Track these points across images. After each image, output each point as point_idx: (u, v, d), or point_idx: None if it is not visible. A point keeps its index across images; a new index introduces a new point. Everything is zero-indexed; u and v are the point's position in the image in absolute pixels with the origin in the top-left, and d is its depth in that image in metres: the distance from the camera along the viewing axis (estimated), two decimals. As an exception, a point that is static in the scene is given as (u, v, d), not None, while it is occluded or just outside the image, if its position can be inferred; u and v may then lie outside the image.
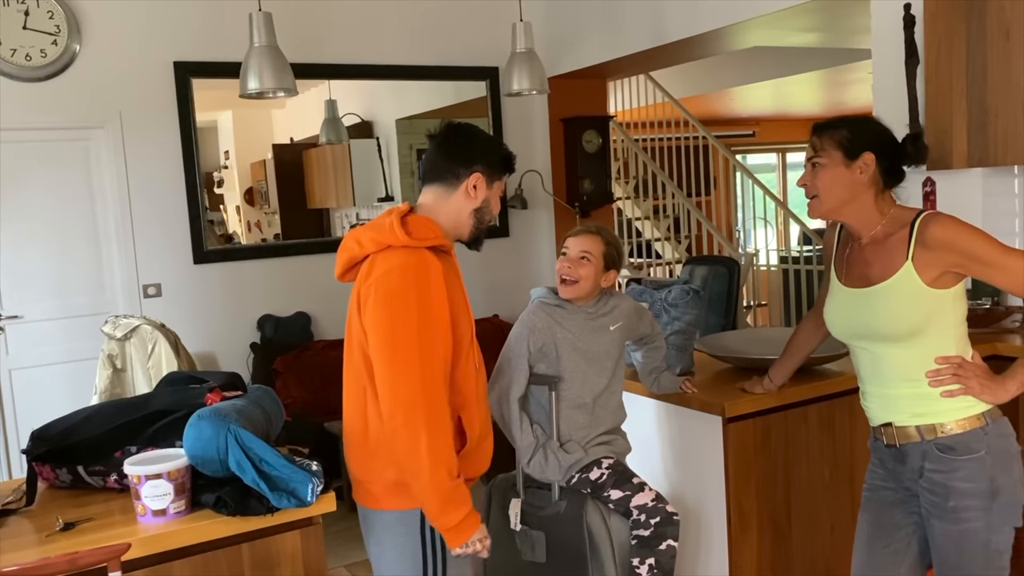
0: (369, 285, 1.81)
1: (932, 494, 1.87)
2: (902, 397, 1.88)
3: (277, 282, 5.26)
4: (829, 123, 1.92)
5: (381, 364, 1.77)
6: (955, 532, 1.84)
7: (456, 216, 1.93)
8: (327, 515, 1.83)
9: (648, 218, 7.67)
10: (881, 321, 1.86)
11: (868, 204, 1.89)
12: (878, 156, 1.87)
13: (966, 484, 1.82)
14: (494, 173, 1.95)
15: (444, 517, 1.78)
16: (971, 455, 1.83)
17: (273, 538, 1.78)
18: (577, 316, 2.43)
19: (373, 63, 5.44)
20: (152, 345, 3.41)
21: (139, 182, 4.79)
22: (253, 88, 3.65)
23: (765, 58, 7.15)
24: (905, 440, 1.89)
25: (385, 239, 1.83)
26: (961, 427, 1.84)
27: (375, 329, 1.78)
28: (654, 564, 2.34)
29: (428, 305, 1.78)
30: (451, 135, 1.96)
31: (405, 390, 1.74)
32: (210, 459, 1.71)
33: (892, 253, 1.85)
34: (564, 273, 2.39)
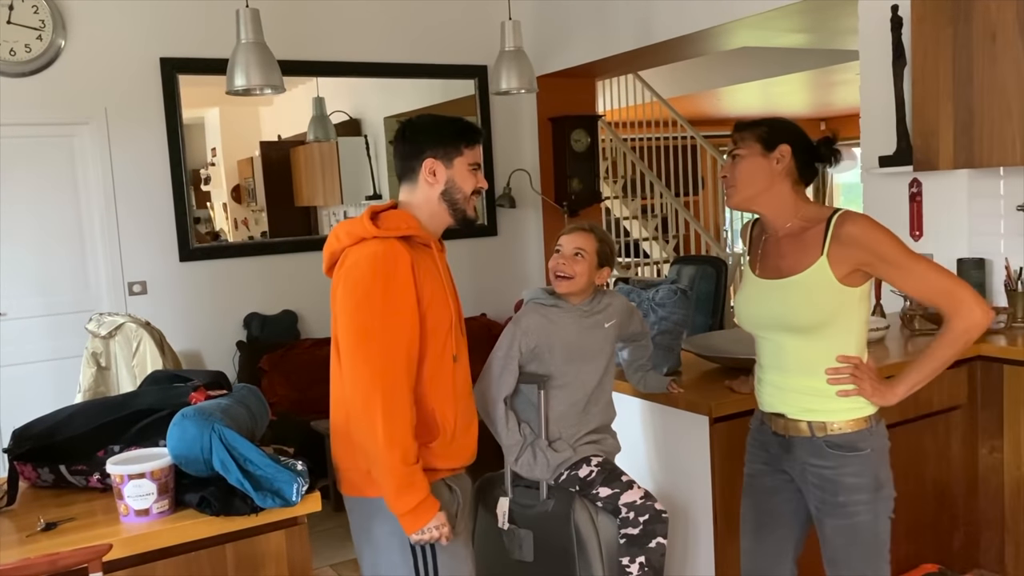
0: (340, 277, 1.87)
1: (821, 490, 1.96)
2: (797, 390, 1.97)
3: (263, 280, 5.23)
4: (751, 122, 2.01)
5: (345, 350, 1.82)
6: (846, 526, 1.94)
7: (428, 206, 1.96)
8: (313, 515, 1.83)
9: (636, 218, 7.67)
10: (790, 312, 1.93)
11: (783, 194, 1.98)
12: (794, 149, 1.96)
13: (854, 479, 1.92)
14: (449, 151, 1.95)
15: (398, 502, 1.80)
16: (858, 452, 1.93)
17: (257, 538, 1.76)
18: (572, 315, 2.43)
19: (361, 60, 5.42)
20: (137, 343, 3.38)
21: (125, 179, 4.75)
22: (240, 85, 3.63)
23: (753, 59, 7.17)
24: (795, 433, 1.98)
25: (357, 232, 1.88)
26: (850, 427, 1.93)
27: (341, 315, 1.84)
28: (644, 563, 2.34)
29: (394, 292, 1.81)
30: (402, 134, 1.99)
31: (365, 375, 1.78)
32: (194, 459, 1.69)
33: (807, 247, 1.93)
34: (559, 269, 2.40)
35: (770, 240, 2.03)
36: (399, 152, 1.99)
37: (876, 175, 3.74)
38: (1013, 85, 2.99)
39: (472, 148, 1.98)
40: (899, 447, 2.79)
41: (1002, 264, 3.34)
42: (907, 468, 2.84)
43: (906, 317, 3.26)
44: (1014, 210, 3.37)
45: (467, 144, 1.97)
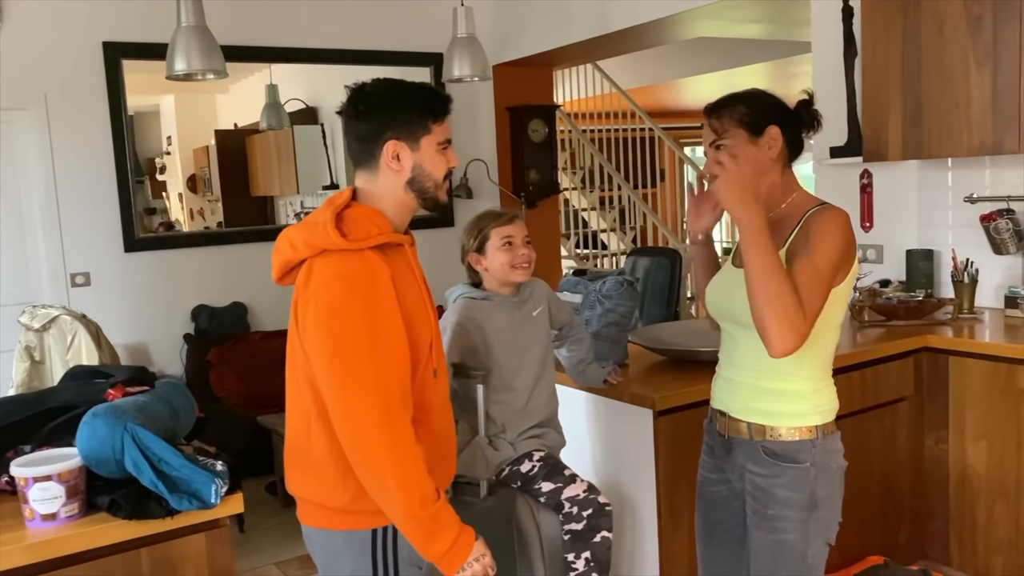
0: (307, 299, 1.59)
1: (754, 500, 1.82)
2: (743, 385, 1.82)
3: (213, 271, 5.11)
4: (723, 101, 1.79)
5: (331, 392, 1.57)
6: (772, 542, 1.80)
7: (393, 197, 1.67)
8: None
9: (595, 209, 7.64)
10: (737, 305, 1.77)
11: (776, 180, 1.79)
12: (783, 129, 1.76)
13: (786, 492, 1.76)
14: (414, 129, 1.64)
15: (431, 547, 1.60)
16: (795, 464, 1.77)
17: (175, 542, 1.68)
18: (504, 307, 2.39)
19: (315, 47, 5.30)
20: (72, 336, 3.27)
21: (66, 167, 4.61)
22: (180, 69, 3.51)
23: (713, 49, 7.17)
24: (735, 434, 1.84)
25: (319, 243, 1.59)
26: (791, 435, 1.77)
27: (319, 351, 1.57)
28: (590, 557, 2.30)
29: (378, 318, 1.56)
30: (352, 107, 1.66)
31: (363, 422, 1.54)
32: (105, 459, 1.61)
33: (775, 239, 1.73)
34: (522, 261, 2.34)
35: None
36: (352, 132, 1.67)
37: (827, 166, 3.73)
38: (960, 77, 2.99)
39: (441, 123, 1.67)
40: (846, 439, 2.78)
41: (949, 255, 3.34)
42: (854, 460, 2.76)
43: (855, 307, 3.25)
44: (962, 201, 3.37)
45: (435, 119, 1.66)
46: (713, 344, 2.37)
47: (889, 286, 3.45)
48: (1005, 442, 2.79)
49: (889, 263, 3.59)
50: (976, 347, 2.87)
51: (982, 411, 2.85)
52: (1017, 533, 2.79)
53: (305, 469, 1.70)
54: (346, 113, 1.68)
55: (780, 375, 1.78)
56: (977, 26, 2.93)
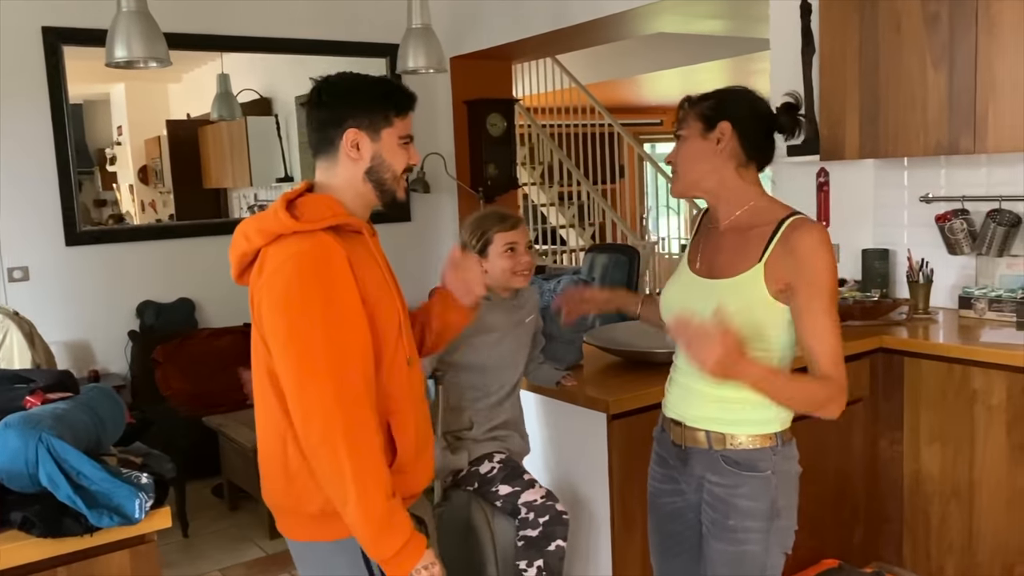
0: (261, 287, 1.56)
1: (713, 510, 1.77)
2: (702, 395, 1.76)
3: (159, 266, 4.95)
4: (701, 96, 1.77)
5: (287, 377, 1.52)
6: (733, 553, 1.75)
7: (351, 187, 1.63)
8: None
9: (554, 204, 7.59)
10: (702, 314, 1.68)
11: (728, 179, 1.73)
12: (735, 125, 1.71)
13: (748, 503, 1.73)
14: (376, 120, 1.62)
15: (380, 546, 1.53)
16: (756, 473, 1.72)
17: (97, 559, 1.58)
18: (501, 309, 2.35)
19: (268, 36, 5.16)
20: (3, 335, 3.12)
21: (4, 158, 4.42)
22: (121, 56, 3.37)
23: (672, 45, 7.15)
24: (692, 444, 1.78)
25: (272, 228, 1.56)
26: (752, 443, 1.73)
27: (275, 336, 1.53)
28: (542, 566, 2.24)
29: (334, 299, 1.52)
30: (317, 97, 1.65)
31: (317, 405, 1.49)
32: (17, 473, 1.51)
33: (746, 249, 1.71)
34: (525, 268, 2.30)
35: (713, 232, 1.81)
36: (314, 120, 1.65)
37: (784, 164, 3.70)
38: (917, 75, 2.97)
39: (403, 117, 1.66)
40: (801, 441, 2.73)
41: (905, 255, 3.33)
42: (809, 462, 2.74)
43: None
44: (917, 201, 3.37)
45: (397, 112, 1.64)
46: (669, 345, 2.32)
47: (845, 285, 3.44)
48: (958, 444, 2.78)
49: (845, 262, 3.58)
50: (930, 348, 2.86)
51: (936, 413, 2.84)
52: (969, 535, 2.79)
53: (280, 476, 1.63)
54: (309, 102, 1.66)
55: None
56: (934, 25, 2.92)
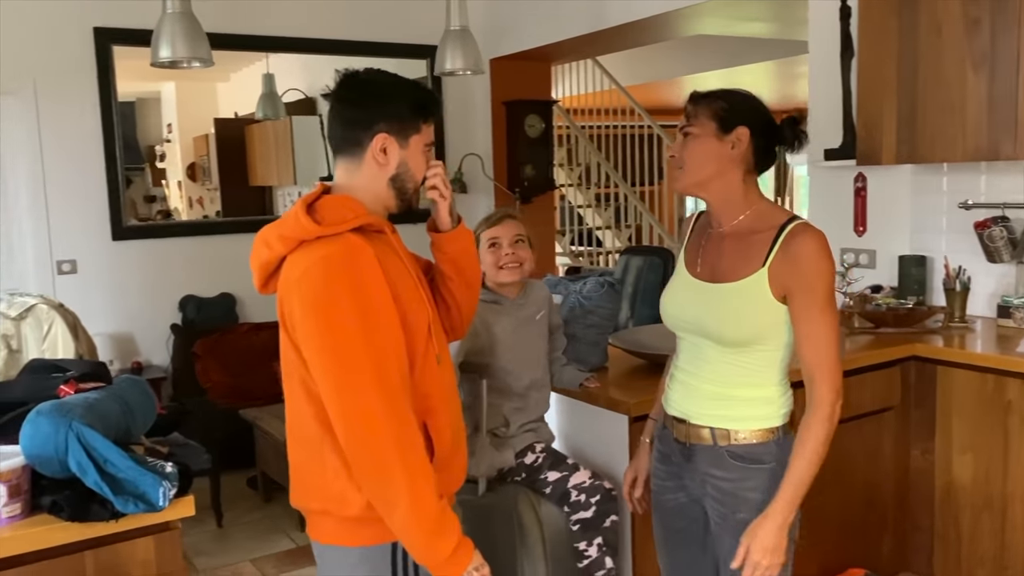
0: (290, 293, 1.52)
1: (721, 505, 1.80)
2: (706, 394, 1.80)
3: (202, 261, 5.06)
4: (708, 93, 1.77)
5: (325, 382, 1.49)
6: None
7: (372, 190, 1.60)
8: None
9: (591, 206, 7.58)
10: (716, 322, 1.75)
11: (734, 184, 1.76)
12: (752, 133, 1.73)
13: (755, 495, 1.76)
14: (406, 126, 1.59)
15: (433, 550, 1.50)
16: (760, 465, 1.76)
17: (122, 545, 1.63)
18: (510, 310, 2.39)
19: (311, 37, 5.25)
20: (48, 326, 3.22)
21: (54, 153, 4.56)
22: (165, 57, 3.45)
23: (714, 47, 7.09)
24: (697, 441, 1.81)
25: (294, 234, 1.52)
26: (755, 437, 1.77)
27: (308, 343, 1.50)
28: (602, 543, 2.31)
29: (367, 300, 1.49)
30: (343, 92, 1.60)
31: (361, 409, 1.46)
32: (48, 459, 1.56)
33: (749, 253, 1.74)
34: (507, 260, 2.31)
35: (713, 236, 1.82)
36: (340, 117, 1.60)
37: (822, 168, 3.67)
38: (956, 80, 2.92)
39: (429, 124, 1.64)
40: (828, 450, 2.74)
41: (942, 262, 3.28)
42: (836, 470, 2.76)
43: (844, 314, 3.19)
44: (956, 207, 3.31)
45: (426, 119, 1.62)
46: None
47: (880, 292, 3.39)
48: (991, 455, 2.73)
49: (881, 268, 3.53)
50: (965, 357, 2.81)
51: (969, 423, 2.79)
52: (1001, 547, 2.74)
53: (315, 479, 1.60)
54: (335, 96, 1.61)
55: (751, 384, 1.78)
56: (975, 29, 2.87)
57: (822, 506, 2.74)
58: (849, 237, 3.65)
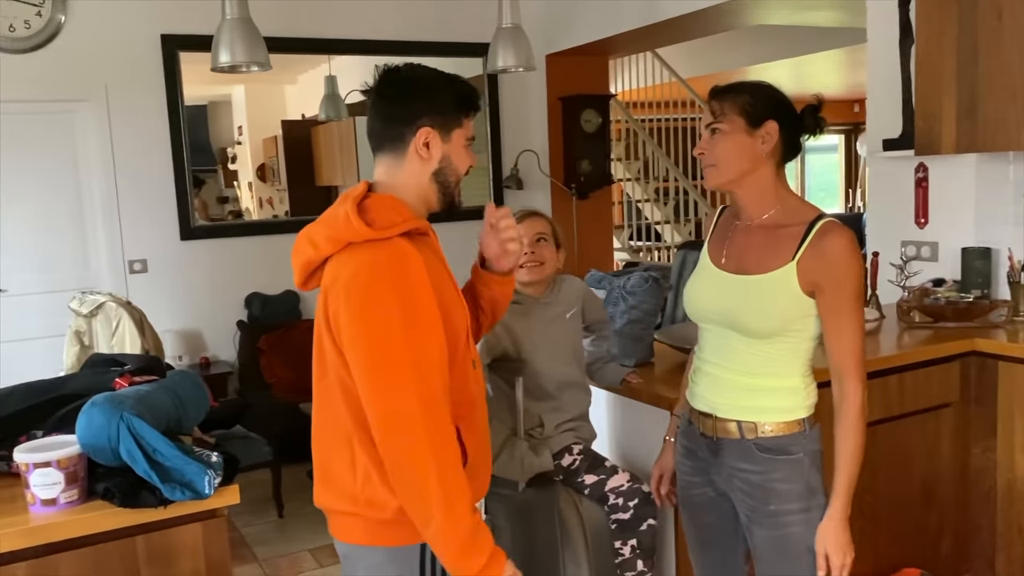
0: (337, 295, 1.51)
1: (751, 498, 1.81)
2: (733, 385, 1.81)
3: (266, 260, 5.22)
4: (730, 87, 1.77)
5: (367, 388, 1.49)
6: (776, 538, 1.79)
7: (416, 186, 1.60)
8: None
9: (649, 200, 7.52)
10: (744, 315, 1.76)
11: (767, 178, 1.77)
12: (781, 126, 1.73)
13: (784, 485, 1.77)
14: (448, 120, 1.59)
15: (464, 565, 1.49)
16: (789, 456, 1.78)
17: (171, 531, 1.71)
18: (535, 309, 2.36)
19: (370, 38, 5.35)
20: (116, 323, 3.37)
21: (125, 157, 4.76)
22: (224, 61, 3.57)
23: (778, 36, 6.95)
24: (724, 435, 1.82)
25: (342, 235, 1.52)
26: (781, 429, 1.78)
27: (353, 346, 1.49)
28: (636, 545, 2.32)
29: (413, 305, 1.49)
30: (384, 88, 1.60)
31: (402, 417, 1.46)
32: (101, 448, 1.64)
33: (778, 247, 1.74)
34: (527, 259, 2.29)
35: (740, 228, 1.83)
36: (381, 112, 1.59)
37: (881, 159, 3.58)
38: (1019, 66, 2.82)
39: (471, 119, 1.64)
40: (883, 445, 2.69)
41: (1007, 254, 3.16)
42: (892, 468, 2.72)
43: (903, 308, 3.11)
44: (1023, 198, 3.18)
45: (467, 114, 1.62)
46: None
47: (943, 286, 3.29)
48: (1057, 454, 2.63)
49: (944, 261, 3.43)
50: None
51: (1033, 420, 2.69)
52: (1068, 550, 2.64)
53: (344, 479, 1.59)
54: (376, 92, 1.60)
55: (777, 375, 1.79)
56: (1038, 12, 2.76)
57: (876, 504, 2.68)
58: (910, 229, 3.55)
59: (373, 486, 1.56)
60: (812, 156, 11.86)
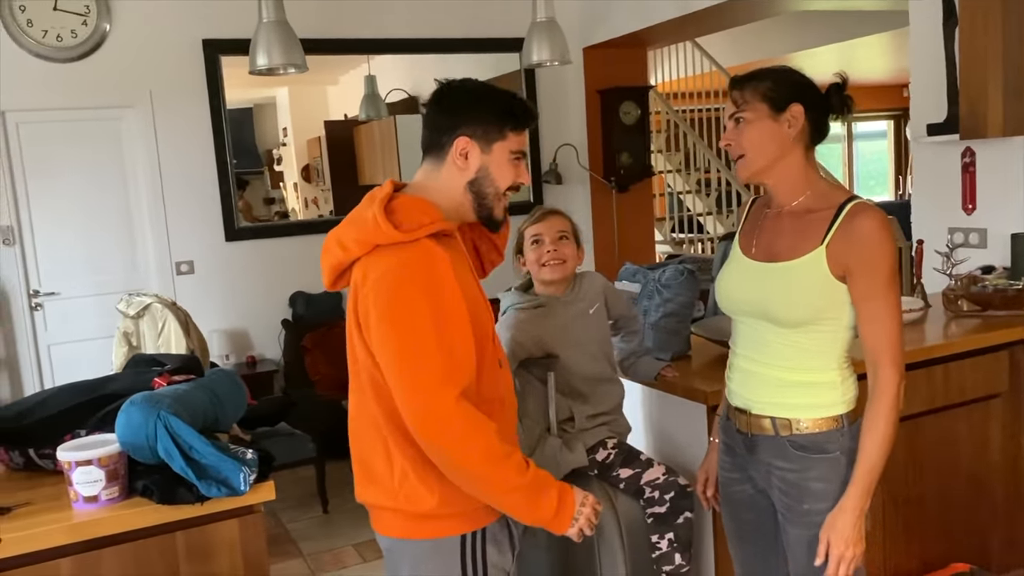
0: (366, 296, 1.55)
1: (786, 496, 1.77)
2: (769, 380, 1.76)
3: (309, 259, 5.22)
4: (750, 75, 1.74)
5: (400, 387, 1.53)
6: (811, 537, 1.73)
7: (449, 193, 1.62)
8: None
9: (692, 192, 7.45)
10: (774, 303, 1.72)
11: (797, 164, 1.72)
12: (806, 108, 1.69)
13: (819, 484, 1.72)
14: (491, 132, 1.61)
15: (539, 511, 1.57)
16: (825, 455, 1.73)
17: (209, 527, 1.74)
18: (557, 308, 2.34)
19: (407, 37, 5.39)
20: (162, 323, 3.45)
21: (170, 160, 4.86)
22: (262, 65, 3.62)
23: (822, 21, 6.82)
24: (759, 431, 1.79)
25: (370, 238, 1.55)
26: (818, 427, 1.74)
27: (383, 348, 1.53)
28: (673, 538, 2.30)
29: (441, 306, 1.52)
30: (437, 100, 1.65)
31: (437, 414, 1.50)
32: (140, 446, 1.69)
33: (807, 232, 1.70)
34: (547, 258, 2.29)
35: (770, 216, 1.80)
36: (429, 121, 1.65)
37: (925, 144, 3.49)
38: (1067, 43, 2.73)
39: (519, 133, 1.64)
40: (930, 438, 2.64)
41: (1059, 240, 3.07)
42: (939, 460, 2.66)
43: (949, 296, 3.03)
44: (1075, 181, 3.09)
45: (513, 128, 1.63)
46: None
47: (992, 273, 3.20)
48: (1113, 445, 2.54)
49: (993, 248, 3.34)
50: (1081, 341, 2.63)
51: (1087, 410, 2.60)
52: None
53: (383, 477, 1.63)
54: (429, 103, 1.67)
55: (812, 368, 1.74)
56: (1087, -13, 2.66)
57: (922, 497, 2.63)
58: (957, 216, 3.46)
59: (410, 483, 1.60)
60: (861, 142, 11.62)
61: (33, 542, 1.60)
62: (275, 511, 3.99)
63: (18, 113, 4.50)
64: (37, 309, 4.68)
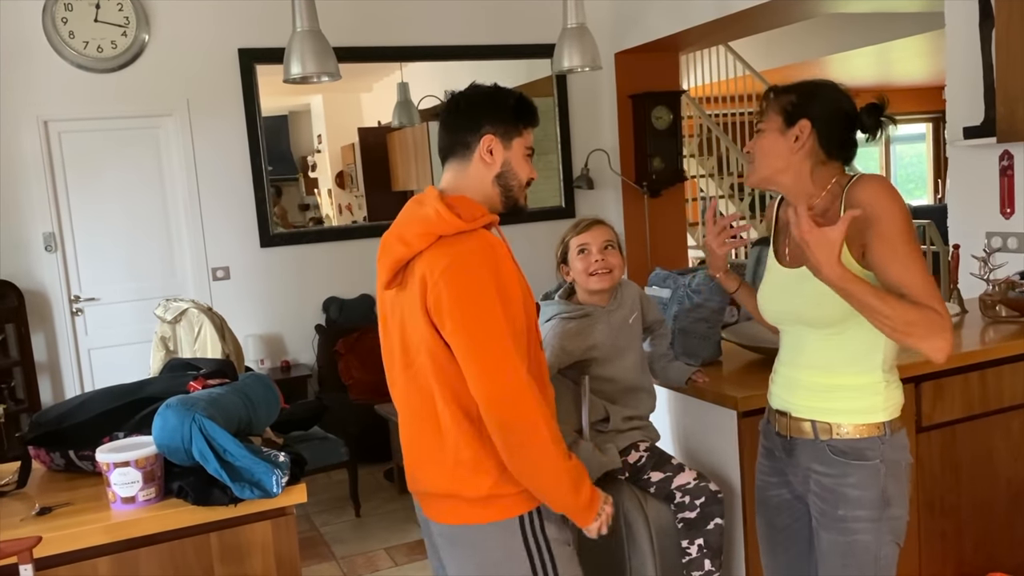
0: (436, 284, 1.63)
1: (822, 501, 1.76)
2: (807, 385, 1.77)
3: (343, 265, 5.34)
4: (785, 87, 1.77)
5: (477, 368, 1.62)
6: (843, 544, 1.73)
7: (481, 189, 1.74)
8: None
9: (725, 196, 7.40)
10: (807, 307, 1.73)
11: (803, 175, 1.74)
12: (814, 124, 1.70)
13: (857, 492, 1.71)
14: (509, 129, 1.74)
15: (578, 497, 1.67)
16: (864, 462, 1.71)
17: (243, 528, 1.77)
18: (602, 318, 2.36)
19: (439, 44, 5.43)
20: (199, 328, 3.50)
21: (207, 168, 4.94)
22: (296, 73, 3.67)
23: (857, 24, 6.75)
24: (798, 434, 1.79)
25: (434, 229, 1.65)
26: (859, 432, 1.73)
27: (458, 331, 1.62)
28: (703, 544, 2.29)
29: (506, 289, 1.64)
30: (455, 106, 1.77)
31: (513, 391, 1.61)
32: (175, 448, 1.72)
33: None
34: (596, 267, 2.30)
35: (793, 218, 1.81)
36: (450, 125, 1.76)
37: (962, 148, 3.44)
38: (1108, 44, 2.68)
39: (530, 130, 1.78)
40: (966, 445, 2.60)
41: (1101, 244, 3.01)
42: (976, 468, 2.62)
43: (987, 302, 2.98)
44: (1117, 184, 3.03)
45: (526, 125, 1.77)
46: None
47: (1031, 277, 3.14)
48: None
49: (1033, 252, 3.28)
50: (1123, 346, 2.57)
51: None
52: None
53: (440, 463, 1.71)
54: (444, 110, 1.78)
55: (853, 371, 1.74)
56: None
57: (959, 505, 2.59)
58: (995, 220, 3.41)
59: (464, 468, 1.69)
60: (899, 146, 11.47)
61: (72, 541, 1.64)
62: (308, 514, 4.03)
63: (60, 123, 4.61)
64: (78, 314, 4.78)
